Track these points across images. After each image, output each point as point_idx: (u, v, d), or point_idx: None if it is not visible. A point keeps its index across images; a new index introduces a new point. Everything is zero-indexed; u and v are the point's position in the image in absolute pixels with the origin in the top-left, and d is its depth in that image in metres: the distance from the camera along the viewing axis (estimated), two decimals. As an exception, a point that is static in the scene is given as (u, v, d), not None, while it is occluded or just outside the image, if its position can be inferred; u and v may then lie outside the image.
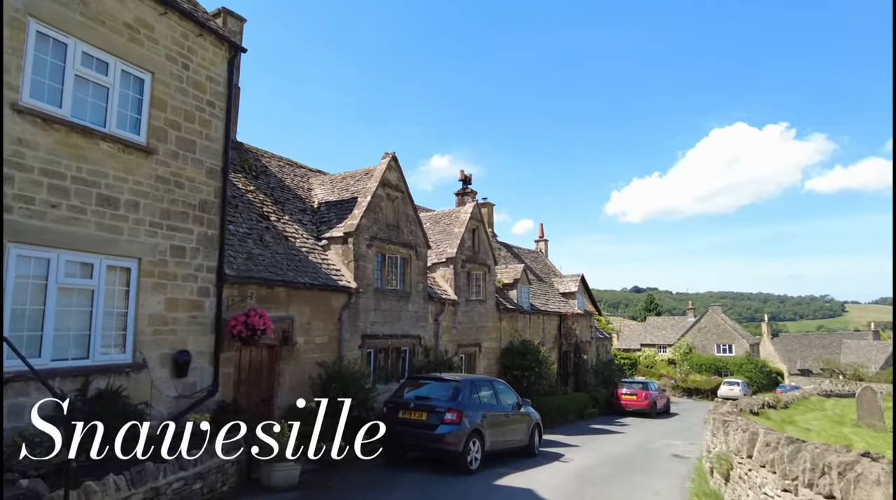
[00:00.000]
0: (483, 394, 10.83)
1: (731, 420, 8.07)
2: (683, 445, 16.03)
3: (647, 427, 20.23)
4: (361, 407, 11.34)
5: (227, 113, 10.04)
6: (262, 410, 10.63)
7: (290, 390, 11.05)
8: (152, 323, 8.43)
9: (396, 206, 14.65)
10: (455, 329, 16.73)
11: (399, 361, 14.48)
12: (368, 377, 11.90)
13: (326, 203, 14.67)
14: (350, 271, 12.85)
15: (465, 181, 20.98)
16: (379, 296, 13.66)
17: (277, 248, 11.78)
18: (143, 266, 8.30)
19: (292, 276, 11.17)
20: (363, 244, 13.21)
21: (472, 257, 18.01)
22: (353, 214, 13.31)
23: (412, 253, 14.92)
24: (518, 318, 20.60)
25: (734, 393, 38.95)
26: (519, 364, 18.55)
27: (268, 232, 12.05)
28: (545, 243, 30.79)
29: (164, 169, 8.76)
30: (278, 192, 14.16)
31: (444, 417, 9.73)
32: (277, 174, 15.00)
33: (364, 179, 14.76)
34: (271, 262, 11.12)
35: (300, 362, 11.32)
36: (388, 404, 10.68)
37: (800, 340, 71.85)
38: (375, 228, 13.69)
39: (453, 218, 18.53)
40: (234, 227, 11.23)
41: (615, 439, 16.69)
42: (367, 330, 13.15)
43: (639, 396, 24.09)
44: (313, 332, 11.65)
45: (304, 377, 11.38)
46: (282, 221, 12.97)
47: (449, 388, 10.42)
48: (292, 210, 13.84)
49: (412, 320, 14.79)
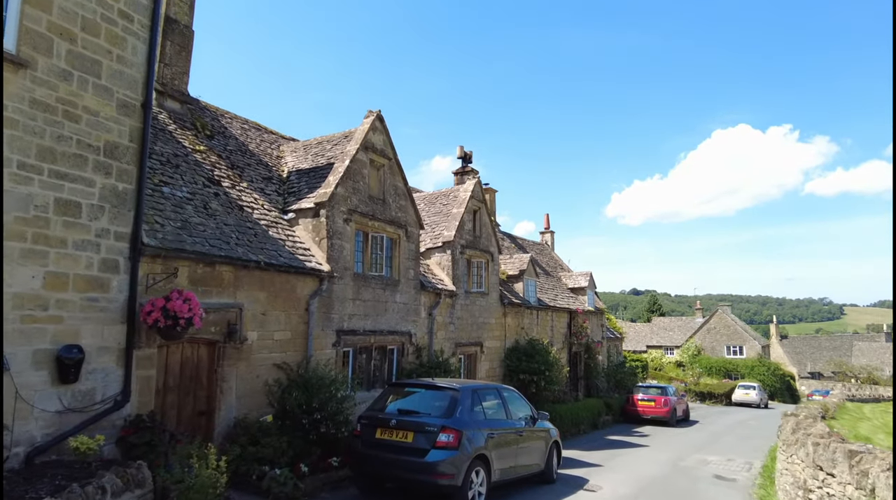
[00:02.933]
0: (488, 406, 8.30)
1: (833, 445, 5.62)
2: (720, 461, 13.58)
3: (672, 439, 17.75)
4: (332, 422, 8.85)
5: (152, 33, 7.55)
6: (200, 425, 8.13)
7: (238, 400, 8.55)
8: (22, 306, 5.92)
9: (382, 176, 12.16)
10: (452, 325, 14.23)
11: (385, 363, 11.97)
12: (343, 383, 9.41)
13: (297, 171, 12.19)
14: (322, 252, 10.35)
15: (464, 159, 18.45)
16: (359, 283, 11.15)
17: (227, 218, 9.28)
18: (5, 224, 5.80)
19: (242, 252, 8.67)
20: (339, 218, 10.71)
21: (472, 242, 15.52)
22: (327, 182, 10.82)
23: (401, 233, 12.43)
24: (524, 314, 18.11)
25: (750, 398, 36.52)
26: (526, 367, 16.04)
27: (216, 199, 9.55)
28: (551, 235, 28.26)
29: (46, 92, 6.27)
30: (238, 156, 11.67)
31: (436, 438, 7.19)
32: (240, 138, 12.51)
33: (343, 142, 12.27)
34: (215, 234, 8.62)
35: (253, 364, 8.82)
36: (363, 420, 8.09)
37: (809, 342, 69.51)
38: (355, 200, 11.20)
39: (451, 197, 16.05)
40: (169, 189, 8.74)
41: (641, 455, 14.20)
42: (343, 325, 10.64)
43: (657, 402, 21.57)
44: (271, 325, 9.14)
45: (258, 383, 8.88)
46: (237, 187, 10.48)
47: (444, 398, 7.89)
48: (253, 178, 11.34)
49: (401, 313, 12.28)
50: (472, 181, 16.06)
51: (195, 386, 8.07)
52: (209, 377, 8.25)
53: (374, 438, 7.56)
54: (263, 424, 8.47)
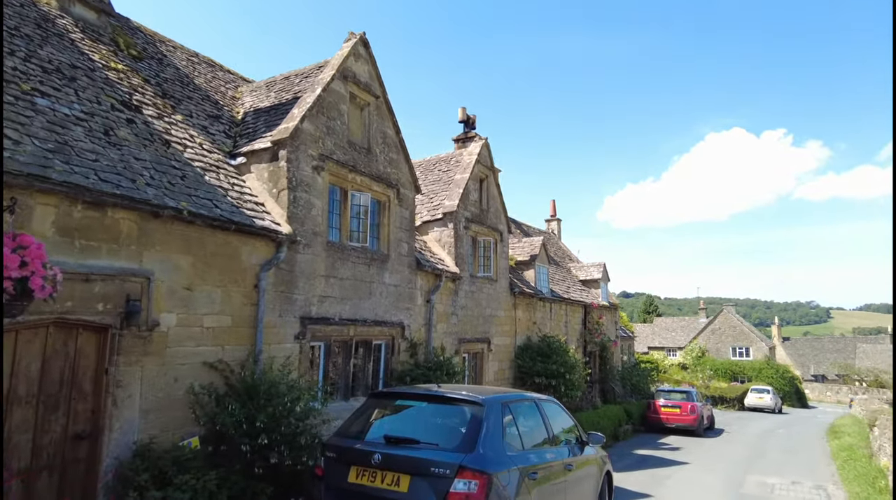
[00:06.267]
0: (524, 427, 5.38)
1: None
2: (785, 485, 10.91)
3: (709, 453, 15.06)
4: (288, 447, 6.02)
5: None
6: (76, 458, 5.25)
7: (143, 416, 5.67)
8: None
9: (367, 118, 9.34)
10: (455, 316, 11.42)
11: (369, 362, 9.13)
12: (309, 391, 6.58)
13: (255, 111, 9.33)
14: (281, 208, 7.50)
15: (466, 123, 15.64)
16: (335, 255, 8.31)
17: (140, 151, 6.41)
18: None
19: (155, 194, 5.80)
20: (306, 165, 7.87)
21: (478, 215, 12.74)
22: (290, 115, 7.97)
23: (391, 195, 9.62)
24: (537, 306, 15.35)
25: (764, 402, 34.21)
26: (543, 369, 13.27)
27: (129, 127, 6.68)
28: (558, 223, 25.52)
29: None
30: (175, 86, 8.79)
31: (448, 489, 4.25)
32: (183, 69, 9.63)
33: (315, 74, 9.43)
34: (115, 167, 5.75)
35: (169, 362, 5.94)
36: (329, 452, 4.95)
37: (812, 344, 67.48)
38: (330, 144, 8.36)
39: (453, 162, 13.27)
40: (48, 102, 5.88)
41: (686, 477, 11.46)
42: (310, 310, 7.79)
43: (683, 409, 18.86)
44: (199, 305, 6.26)
45: (177, 391, 6.00)
46: (166, 119, 7.60)
47: (458, 417, 4.96)
48: (194, 113, 8.47)
49: (391, 298, 9.46)
50: (478, 143, 13.29)
51: (70, 395, 5.20)
52: (95, 382, 5.37)
53: (346, 482, 4.61)
54: (183, 452, 5.62)
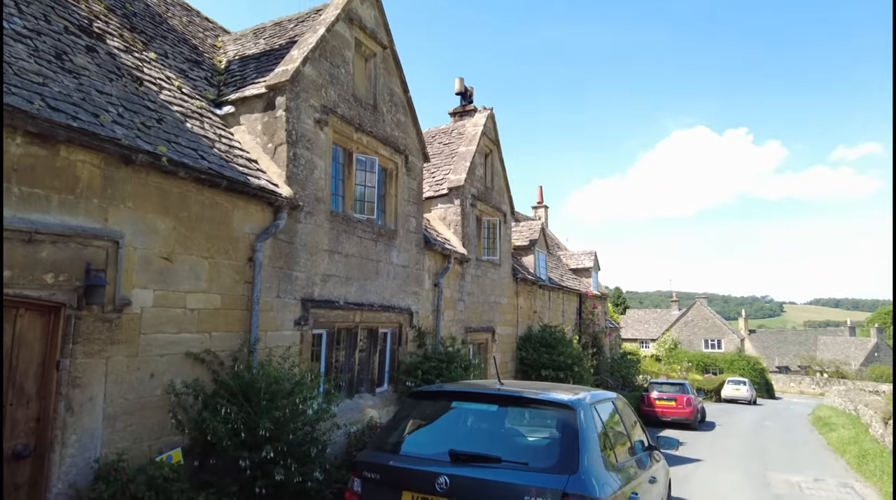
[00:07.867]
0: (612, 432, 4.20)
1: None
2: (808, 483, 10.19)
3: (713, 447, 14.40)
4: (295, 459, 4.78)
5: None
6: (15, 483, 3.90)
7: (108, 423, 4.34)
8: None
9: (374, 70, 8.05)
10: (462, 303, 10.28)
11: (374, 354, 7.89)
12: (315, 389, 5.36)
13: (241, 59, 7.92)
14: (279, 167, 6.18)
15: (463, 96, 14.45)
16: (339, 227, 7.04)
17: (104, 85, 5.01)
18: None
19: (123, 133, 4.44)
20: (307, 116, 6.56)
21: (484, 193, 11.60)
22: (289, 57, 6.62)
23: (399, 162, 8.38)
24: (537, 294, 14.36)
25: (741, 394, 34.24)
26: (548, 361, 12.26)
27: (88, 55, 5.26)
28: (545, 210, 24.61)
29: None
30: (144, 21, 7.32)
31: None
32: (155, 7, 8.13)
33: (313, 18, 8.08)
34: (68, 95, 4.36)
35: (143, 353, 4.60)
36: (370, 472, 3.56)
37: (776, 336, 69.23)
38: (334, 95, 7.06)
39: (455, 135, 12.07)
40: (-24, 11, 4.42)
41: (706, 475, 10.65)
42: (313, 290, 6.52)
43: (678, 402, 18.23)
44: (181, 280, 4.93)
45: (154, 389, 4.68)
46: (136, 55, 6.17)
47: (545, 424, 3.83)
48: (169, 53, 7.03)
49: (399, 280, 8.24)
50: (483, 114, 12.12)
51: (3, 399, 3.84)
52: (41, 380, 4.02)
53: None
54: (161, 470, 4.32)
